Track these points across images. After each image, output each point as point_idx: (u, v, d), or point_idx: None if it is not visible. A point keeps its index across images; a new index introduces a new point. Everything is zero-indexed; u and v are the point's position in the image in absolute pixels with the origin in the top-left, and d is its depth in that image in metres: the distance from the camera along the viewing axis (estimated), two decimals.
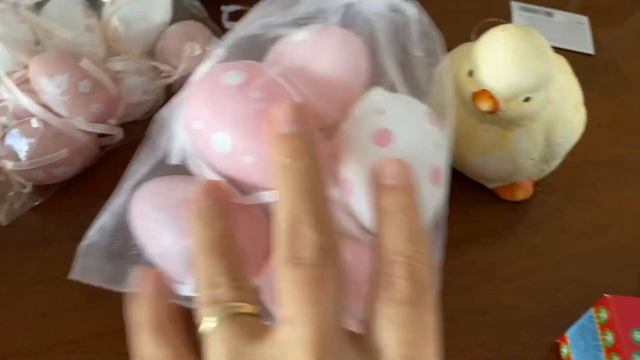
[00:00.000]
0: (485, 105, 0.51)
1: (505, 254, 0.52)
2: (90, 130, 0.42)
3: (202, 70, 0.36)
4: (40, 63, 0.40)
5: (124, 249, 0.36)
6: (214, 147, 0.32)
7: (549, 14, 0.81)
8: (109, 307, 0.36)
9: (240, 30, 0.39)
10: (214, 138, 0.32)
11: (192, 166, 0.35)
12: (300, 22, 0.38)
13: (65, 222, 0.41)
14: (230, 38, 0.38)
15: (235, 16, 0.60)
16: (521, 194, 0.60)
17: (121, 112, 0.44)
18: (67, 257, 0.38)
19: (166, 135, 0.36)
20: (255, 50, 0.39)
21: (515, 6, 0.81)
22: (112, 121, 0.44)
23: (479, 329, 0.45)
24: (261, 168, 0.32)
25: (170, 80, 0.47)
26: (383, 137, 0.32)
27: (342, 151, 0.34)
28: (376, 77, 0.38)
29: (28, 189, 0.40)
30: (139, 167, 0.36)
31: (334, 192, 0.35)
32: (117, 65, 0.45)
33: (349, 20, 0.38)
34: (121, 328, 0.35)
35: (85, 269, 0.36)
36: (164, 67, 0.47)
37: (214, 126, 0.32)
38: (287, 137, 0.29)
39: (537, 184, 0.60)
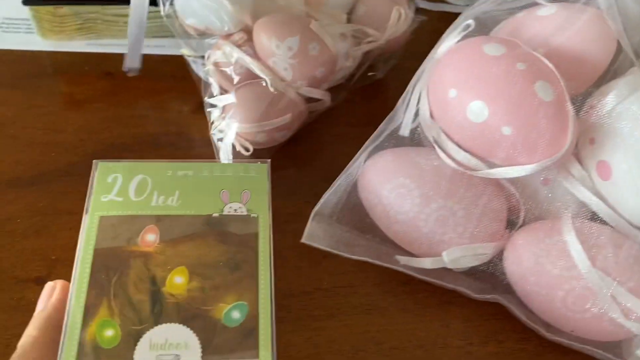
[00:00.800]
0: None
1: None
2: (308, 95, 0.43)
3: (449, 41, 0.36)
4: (269, 25, 0.41)
5: (356, 216, 0.37)
6: (469, 115, 0.32)
7: None
8: (298, 267, 0.37)
9: (478, 4, 0.38)
10: (469, 107, 0.32)
11: (429, 136, 0.35)
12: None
13: (279, 184, 0.43)
14: (471, 12, 0.38)
15: None
16: None
17: (333, 77, 0.45)
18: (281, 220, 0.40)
19: (405, 104, 0.36)
20: (485, 24, 0.38)
21: None
22: (324, 86, 0.45)
23: None
24: (517, 139, 0.32)
25: (375, 45, 0.47)
26: None
27: (601, 132, 0.33)
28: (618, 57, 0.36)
29: (250, 152, 0.41)
30: (376, 135, 0.37)
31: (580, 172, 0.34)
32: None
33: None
34: (309, 290, 0.37)
35: (316, 233, 0.37)
36: (372, 32, 0.47)
37: (472, 94, 0.32)
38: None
39: None
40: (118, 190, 0.31)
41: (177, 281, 0.28)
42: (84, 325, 0.26)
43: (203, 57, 0.43)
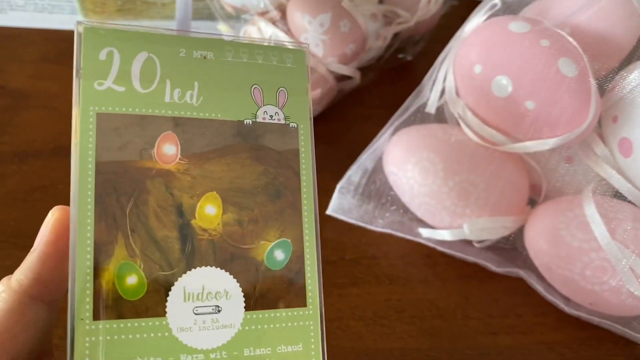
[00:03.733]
0: None
1: None
2: (339, 71, 0.45)
3: (476, 20, 0.37)
4: (303, 2, 0.43)
5: (380, 190, 0.38)
6: (493, 90, 0.33)
7: None
8: (324, 238, 0.38)
9: None
10: (494, 81, 0.33)
11: (454, 113, 0.36)
12: None
13: None
14: None
15: None
16: None
17: (363, 55, 0.46)
18: None
19: (431, 82, 0.38)
20: (511, 7, 0.39)
21: None
22: (354, 64, 0.46)
23: None
24: (540, 114, 0.32)
25: (405, 26, 0.48)
26: None
27: (624, 110, 0.33)
28: None
29: None
30: (402, 111, 0.38)
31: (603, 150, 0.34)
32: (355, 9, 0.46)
33: None
34: (334, 259, 0.38)
35: (341, 205, 0.38)
36: (402, 13, 0.48)
37: (497, 69, 0.33)
38: None
39: None
40: (117, 75, 0.22)
41: (209, 212, 0.22)
42: (97, 270, 0.20)
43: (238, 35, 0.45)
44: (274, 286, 0.23)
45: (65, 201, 0.19)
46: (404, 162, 0.36)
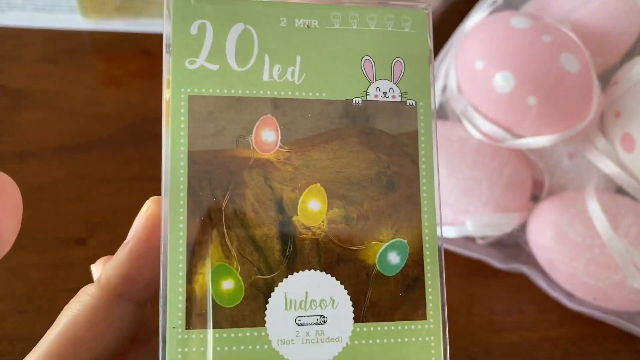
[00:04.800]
0: None
1: None
2: None
3: (477, 15, 0.37)
4: None
5: None
6: (495, 86, 0.33)
7: None
8: None
9: None
10: (496, 77, 0.33)
11: (456, 109, 0.36)
12: None
13: None
14: None
15: None
16: None
17: None
18: None
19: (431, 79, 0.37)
20: (513, 3, 0.39)
21: None
22: None
23: None
24: (542, 110, 0.32)
25: None
26: None
27: (626, 105, 0.33)
28: None
29: None
30: None
31: (603, 143, 0.34)
32: None
33: None
34: None
35: None
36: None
37: (498, 65, 0.33)
38: None
39: None
40: (210, 51, 0.20)
41: (313, 207, 0.20)
42: (190, 273, 0.18)
43: None
44: (388, 294, 0.20)
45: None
46: None
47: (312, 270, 0.19)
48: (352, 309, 0.19)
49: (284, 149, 0.20)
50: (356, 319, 0.19)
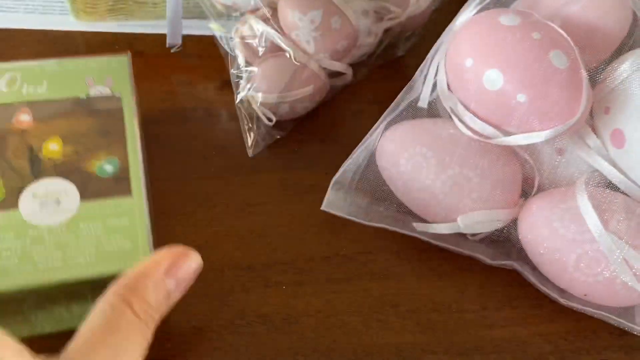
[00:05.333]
0: None
1: None
2: (331, 68, 0.45)
3: (467, 13, 0.37)
4: None
5: (374, 185, 0.38)
6: (484, 83, 0.33)
7: None
8: (319, 234, 0.39)
9: None
10: (486, 75, 0.33)
11: (447, 107, 0.36)
12: None
13: (300, 157, 0.44)
14: None
15: None
16: None
17: (355, 52, 0.46)
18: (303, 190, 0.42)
19: (423, 76, 0.38)
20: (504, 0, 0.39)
21: None
22: (346, 60, 0.46)
23: None
24: (532, 107, 0.32)
25: (396, 22, 0.48)
26: None
27: (616, 101, 0.33)
28: (636, 28, 0.37)
29: (273, 122, 0.43)
30: (394, 106, 0.38)
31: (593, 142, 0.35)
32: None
33: None
34: (328, 255, 0.38)
35: (335, 201, 0.38)
36: (394, 8, 0.48)
37: (487, 63, 0.33)
38: None
39: None
40: None
41: (53, 148, 0.33)
42: None
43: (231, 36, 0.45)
44: (105, 185, 0.33)
45: None
46: (396, 158, 0.36)
47: (52, 177, 0.33)
48: (79, 195, 0.32)
49: (35, 123, 0.34)
50: (82, 199, 0.32)
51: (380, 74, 0.50)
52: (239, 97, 0.42)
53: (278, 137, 0.44)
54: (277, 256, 0.38)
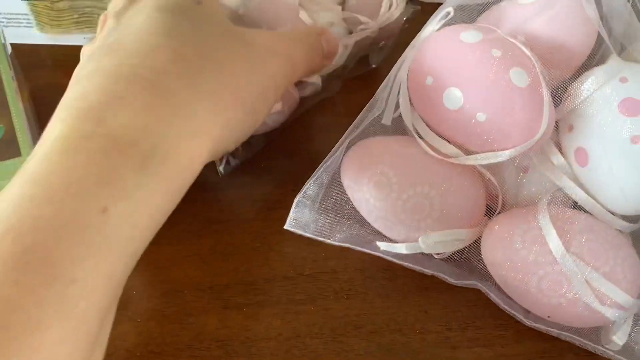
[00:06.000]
0: None
1: None
2: (302, 80, 0.44)
3: (429, 29, 0.36)
4: (260, 14, 0.42)
5: (338, 204, 0.37)
6: (445, 102, 0.33)
7: None
8: (282, 253, 0.39)
9: None
10: (445, 93, 0.32)
11: (409, 125, 0.36)
12: None
13: (267, 173, 0.43)
14: (451, 1, 0.38)
15: None
16: None
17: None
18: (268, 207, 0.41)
19: (386, 93, 0.37)
20: (469, 12, 0.38)
21: None
22: (317, 74, 0.45)
23: None
24: (492, 126, 0.32)
25: (367, 33, 0.47)
26: (629, 107, 0.31)
27: (579, 119, 0.33)
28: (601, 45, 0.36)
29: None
30: (357, 124, 0.37)
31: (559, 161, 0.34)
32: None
33: None
34: (291, 275, 0.38)
35: (298, 219, 0.38)
36: (364, 19, 0.47)
37: (447, 81, 0.32)
38: None
39: None
40: None
41: None
42: None
43: None
44: None
45: None
46: (359, 176, 0.35)
47: None
48: None
49: None
50: None
51: (353, 85, 0.49)
52: None
53: (250, 156, 0.43)
54: (238, 276, 0.37)
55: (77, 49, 0.50)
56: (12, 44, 0.48)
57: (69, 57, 0.49)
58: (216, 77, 0.29)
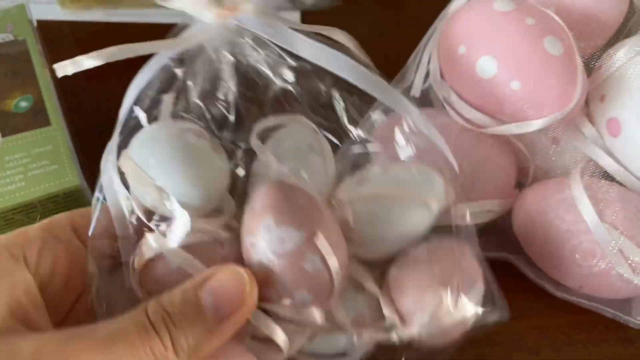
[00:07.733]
0: None
1: None
2: None
3: (459, 1, 0.36)
4: None
5: None
6: (478, 71, 0.32)
7: None
8: None
9: None
10: (479, 62, 0.32)
11: (439, 96, 0.35)
12: None
13: None
14: None
15: None
16: None
17: None
18: None
19: (415, 64, 0.37)
20: None
21: None
22: None
23: None
24: (526, 94, 0.32)
25: None
26: None
27: (611, 89, 0.32)
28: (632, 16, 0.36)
29: None
30: None
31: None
32: None
33: None
34: None
35: None
36: None
37: (481, 50, 0.32)
38: None
39: None
40: None
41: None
42: None
43: None
44: (23, 119, 0.37)
45: None
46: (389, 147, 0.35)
47: None
48: (0, 133, 0.36)
49: None
50: (3, 135, 0.36)
51: None
52: None
53: None
54: None
55: (98, 24, 0.50)
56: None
57: (90, 34, 0.49)
58: None
